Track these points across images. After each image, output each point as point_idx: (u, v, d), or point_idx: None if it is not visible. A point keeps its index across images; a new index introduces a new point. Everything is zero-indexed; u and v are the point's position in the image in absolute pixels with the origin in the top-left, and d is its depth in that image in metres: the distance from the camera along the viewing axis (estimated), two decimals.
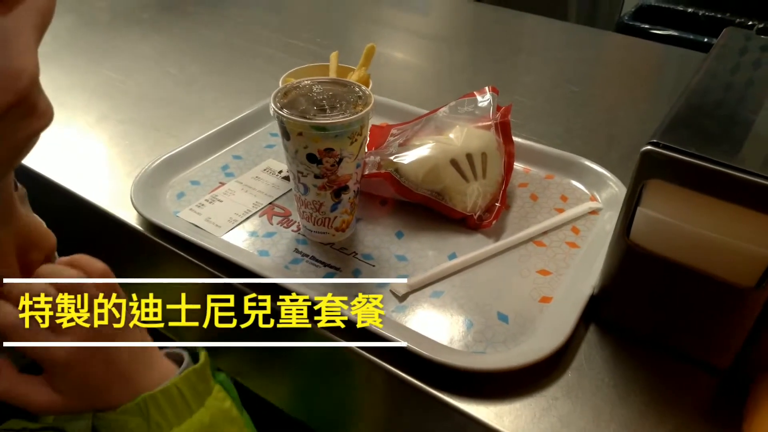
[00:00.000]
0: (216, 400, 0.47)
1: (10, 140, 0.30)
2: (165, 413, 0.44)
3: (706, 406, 0.51)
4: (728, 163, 0.45)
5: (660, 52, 1.29)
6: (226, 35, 1.18)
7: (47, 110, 0.31)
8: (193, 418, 0.45)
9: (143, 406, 0.43)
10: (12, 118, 0.29)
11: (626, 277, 0.54)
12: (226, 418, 0.48)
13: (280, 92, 0.60)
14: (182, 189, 0.73)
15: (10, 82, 0.27)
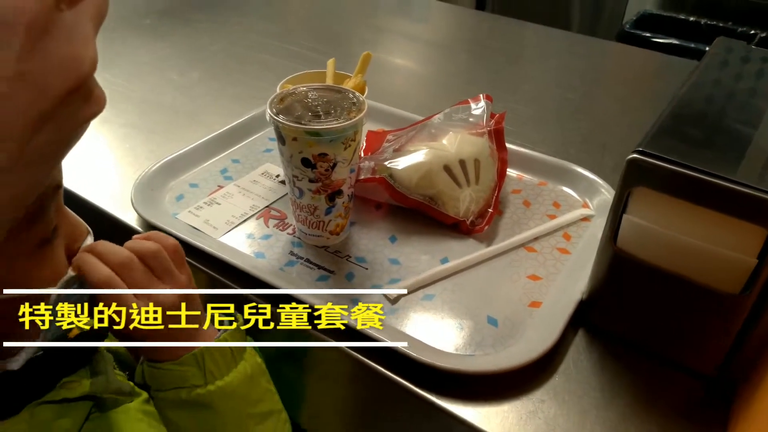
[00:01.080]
0: (251, 356, 0.54)
1: (69, 124, 0.32)
2: (218, 363, 0.50)
3: (690, 411, 0.52)
4: (712, 172, 0.46)
5: (658, 60, 1.30)
6: (225, 42, 1.20)
7: (101, 96, 0.34)
8: (238, 368, 0.52)
9: (200, 357, 0.49)
10: (73, 103, 0.31)
11: (613, 283, 0.55)
12: (260, 370, 0.55)
13: (276, 98, 0.61)
14: (181, 191, 0.75)
15: (73, 68, 0.30)
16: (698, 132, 0.53)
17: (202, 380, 0.50)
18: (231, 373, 0.51)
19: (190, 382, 0.50)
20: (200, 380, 0.50)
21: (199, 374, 0.50)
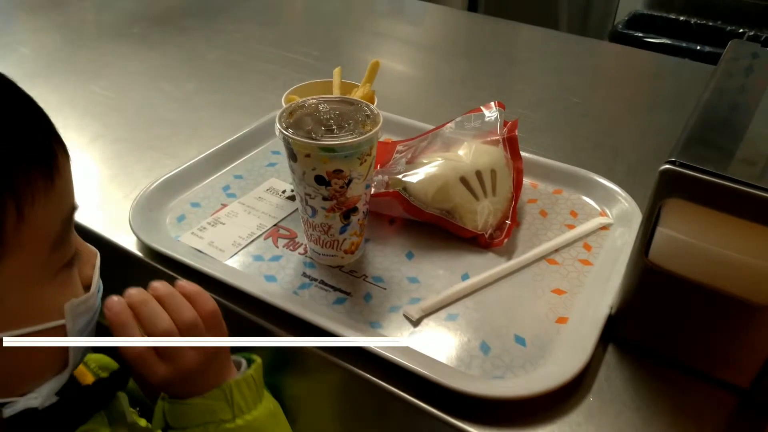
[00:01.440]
0: (269, 395, 0.53)
1: None
2: (245, 397, 0.49)
3: (730, 427, 0.50)
4: (748, 182, 0.44)
5: (655, 61, 1.28)
6: (221, 50, 1.17)
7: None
8: (263, 404, 0.51)
9: (227, 391, 0.48)
10: None
11: (645, 296, 0.53)
12: (279, 409, 0.54)
13: (285, 112, 0.59)
14: (182, 212, 0.71)
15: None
16: (727, 140, 0.51)
17: (230, 414, 0.47)
18: (258, 408, 0.49)
19: (218, 417, 0.47)
20: (228, 414, 0.47)
21: (227, 408, 0.47)
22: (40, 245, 0.34)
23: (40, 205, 0.33)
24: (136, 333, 0.43)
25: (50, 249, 0.35)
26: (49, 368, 0.39)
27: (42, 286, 0.36)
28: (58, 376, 0.40)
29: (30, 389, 0.39)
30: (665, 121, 0.96)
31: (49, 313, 0.37)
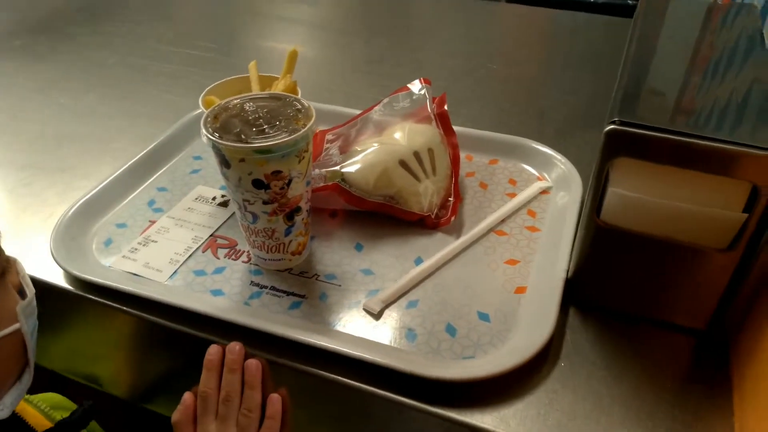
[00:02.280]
0: None
1: None
2: None
3: (694, 369, 0.52)
4: (693, 133, 0.45)
5: (561, 19, 1.31)
6: (118, 55, 1.09)
7: None
8: None
9: None
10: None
11: (600, 257, 0.54)
12: None
13: (209, 116, 0.55)
14: (108, 235, 0.66)
15: None
16: (663, 93, 0.52)
17: None
18: None
19: None
20: None
21: None
22: None
23: None
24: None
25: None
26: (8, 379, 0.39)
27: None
28: (17, 385, 0.40)
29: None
30: (584, 79, 0.99)
31: (2, 321, 0.37)
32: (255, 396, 0.49)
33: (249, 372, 0.49)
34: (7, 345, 0.38)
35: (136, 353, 0.64)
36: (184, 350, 0.59)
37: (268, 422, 0.49)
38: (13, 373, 0.39)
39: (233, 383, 0.49)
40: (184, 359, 0.60)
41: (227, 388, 0.49)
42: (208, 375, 0.50)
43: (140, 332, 0.60)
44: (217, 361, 0.50)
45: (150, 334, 0.59)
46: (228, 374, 0.49)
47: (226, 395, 0.49)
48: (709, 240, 0.49)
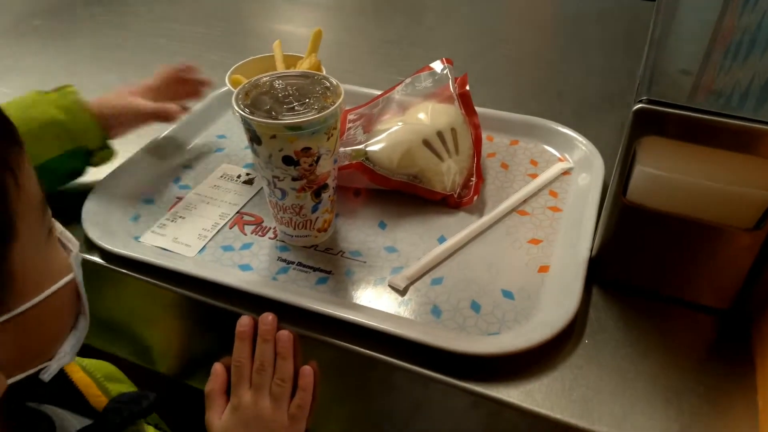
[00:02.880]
0: None
1: None
2: None
3: (717, 347, 0.53)
4: (721, 112, 0.45)
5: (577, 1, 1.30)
6: (137, 35, 1.09)
7: None
8: None
9: None
10: None
11: (626, 236, 0.55)
12: None
13: (240, 93, 0.55)
14: (136, 211, 0.67)
15: None
16: (689, 72, 0.52)
17: None
18: None
19: None
20: None
21: None
22: (35, 210, 0.35)
23: (27, 172, 0.34)
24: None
25: (41, 212, 0.36)
26: (68, 327, 0.41)
27: (46, 248, 0.37)
28: (74, 331, 0.41)
29: (55, 351, 0.40)
30: (600, 61, 0.98)
31: (59, 272, 0.38)
32: (288, 366, 0.50)
33: (281, 342, 0.50)
34: (64, 294, 0.39)
35: (166, 327, 0.65)
36: (213, 324, 0.60)
37: (301, 394, 0.50)
38: (70, 321, 0.41)
39: (267, 353, 0.50)
40: (214, 333, 0.61)
41: (261, 358, 0.50)
42: (241, 345, 0.51)
43: (170, 306, 0.61)
44: (249, 332, 0.51)
45: (180, 308, 0.60)
46: (261, 344, 0.51)
47: (260, 365, 0.50)
48: (734, 219, 0.49)
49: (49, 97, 0.64)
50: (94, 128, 0.65)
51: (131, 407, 0.46)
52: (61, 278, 0.38)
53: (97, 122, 0.65)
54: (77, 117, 0.64)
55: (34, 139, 0.58)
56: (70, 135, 0.64)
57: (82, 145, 0.65)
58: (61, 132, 0.63)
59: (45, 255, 0.37)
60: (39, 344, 0.38)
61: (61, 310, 0.39)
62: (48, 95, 0.65)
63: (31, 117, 0.61)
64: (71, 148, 0.64)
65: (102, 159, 0.68)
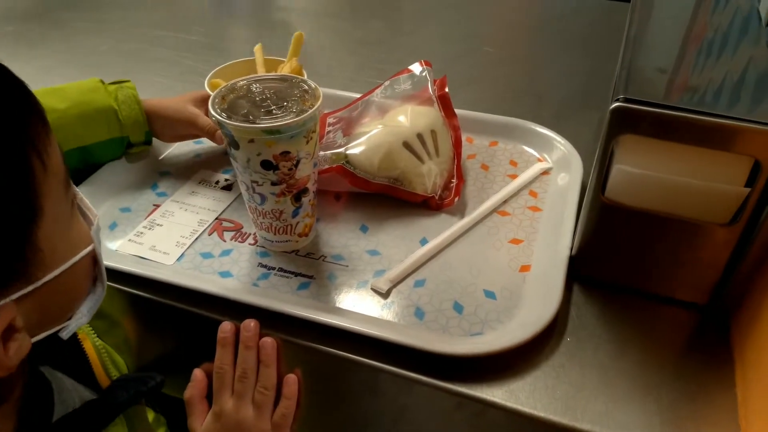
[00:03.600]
0: None
1: None
2: None
3: (696, 342, 0.54)
4: (697, 109, 0.46)
5: (553, 1, 1.31)
6: (112, 41, 1.08)
7: None
8: None
9: None
10: None
11: (605, 234, 0.55)
12: None
13: (217, 97, 0.55)
14: (113, 218, 0.66)
15: None
16: (665, 71, 0.53)
17: None
18: None
19: None
20: None
21: None
22: (60, 186, 0.37)
23: (51, 150, 0.36)
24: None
25: (65, 187, 0.38)
26: (86, 290, 0.43)
27: (70, 221, 0.39)
28: (91, 295, 0.43)
29: (74, 312, 0.41)
30: (577, 62, 0.99)
31: (81, 242, 0.40)
32: (271, 374, 0.50)
33: (265, 350, 0.50)
34: (84, 262, 0.40)
35: (146, 336, 0.64)
36: (194, 331, 0.59)
37: (285, 402, 0.50)
38: (88, 284, 0.43)
39: (249, 360, 0.50)
40: (194, 340, 0.61)
41: (243, 365, 0.50)
42: (223, 351, 0.51)
43: (149, 315, 0.60)
44: (231, 338, 0.51)
45: (159, 316, 0.59)
46: (244, 351, 0.50)
47: (242, 372, 0.49)
48: (711, 215, 0.50)
49: (108, 87, 0.69)
50: (142, 124, 0.70)
51: (137, 385, 0.47)
52: (82, 248, 0.40)
53: (145, 119, 0.70)
54: (130, 110, 0.69)
55: (88, 120, 0.66)
56: (119, 125, 0.68)
57: (126, 136, 0.69)
58: (112, 120, 0.68)
59: (68, 227, 0.39)
60: (60, 307, 0.40)
61: (81, 275, 0.41)
62: (108, 86, 0.70)
63: (89, 100, 0.67)
64: (117, 136, 0.69)
65: (139, 151, 0.73)
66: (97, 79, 0.70)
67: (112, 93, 0.69)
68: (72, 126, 0.65)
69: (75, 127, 0.66)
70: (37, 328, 0.37)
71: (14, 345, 0.34)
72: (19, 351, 0.34)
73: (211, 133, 0.69)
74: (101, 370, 0.49)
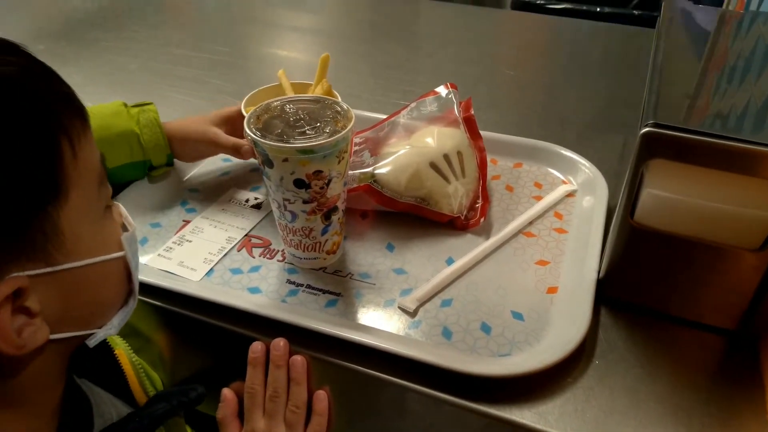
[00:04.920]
0: None
1: None
2: None
3: (726, 367, 0.53)
4: (728, 135, 0.46)
5: (572, 27, 1.33)
6: (140, 59, 1.10)
7: None
8: None
9: None
10: None
11: (633, 257, 0.55)
12: None
13: (252, 117, 0.56)
14: (143, 234, 0.67)
15: None
16: (693, 96, 0.54)
17: None
18: None
19: None
20: None
21: None
22: (91, 181, 0.38)
23: (86, 144, 0.37)
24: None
25: (98, 185, 0.39)
26: (117, 301, 0.43)
27: (100, 220, 0.40)
28: (124, 308, 0.44)
29: (103, 323, 0.42)
30: (597, 86, 1.00)
31: (110, 246, 0.41)
32: (302, 392, 0.50)
33: (295, 368, 0.50)
34: (115, 270, 0.41)
35: (178, 352, 0.65)
36: (223, 347, 0.60)
37: (317, 419, 0.50)
38: (120, 297, 0.43)
39: (280, 379, 0.50)
40: (224, 356, 0.61)
41: (274, 384, 0.50)
42: (254, 372, 0.51)
43: (181, 330, 0.61)
44: (261, 358, 0.51)
45: (191, 332, 0.60)
46: (274, 370, 0.50)
47: (273, 391, 0.50)
48: (740, 240, 0.50)
49: (130, 111, 0.70)
50: (164, 147, 0.70)
51: (179, 396, 0.47)
52: (113, 251, 0.41)
53: (166, 142, 0.70)
54: (151, 134, 0.69)
55: (109, 144, 0.66)
56: (141, 148, 0.69)
57: (148, 159, 0.70)
58: (134, 144, 0.69)
59: (100, 226, 0.40)
60: (86, 308, 0.40)
61: (110, 282, 0.42)
62: (130, 109, 0.71)
63: (111, 124, 0.68)
64: (138, 159, 0.69)
65: (161, 173, 0.74)
66: (120, 102, 0.71)
67: (134, 116, 0.69)
68: None
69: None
70: (60, 324, 0.38)
71: (29, 329, 0.35)
72: (34, 338, 0.35)
73: (235, 149, 0.70)
74: (138, 386, 0.50)
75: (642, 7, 2.05)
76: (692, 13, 0.69)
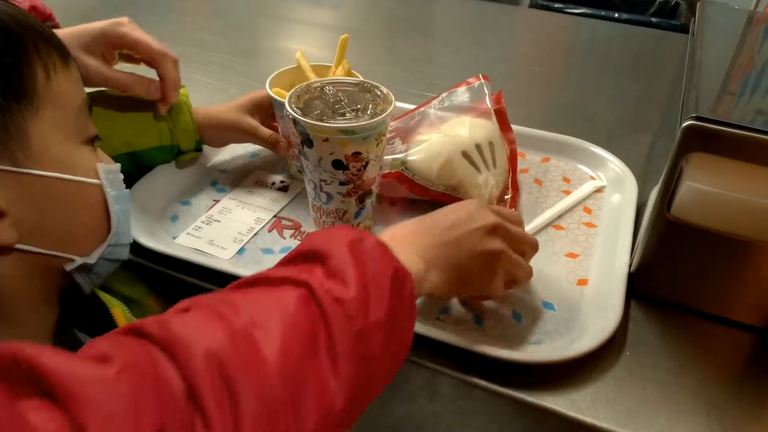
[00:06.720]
0: None
1: None
2: None
3: (758, 363, 0.53)
4: None
5: (597, 27, 1.33)
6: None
7: None
8: None
9: None
10: None
11: (667, 252, 0.55)
12: None
13: (293, 96, 0.56)
14: (174, 212, 0.68)
15: None
16: (736, 93, 0.54)
17: None
18: None
19: None
20: None
21: None
22: (67, 109, 0.41)
23: (62, 76, 0.41)
24: None
25: (76, 113, 0.42)
26: (95, 231, 0.45)
27: (76, 145, 0.43)
28: (104, 243, 0.45)
29: (83, 253, 0.44)
30: (626, 86, 1.00)
31: (86, 171, 0.43)
32: None
33: None
34: (92, 198, 0.44)
35: None
36: None
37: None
38: (99, 229, 0.45)
39: None
40: None
41: None
42: None
43: None
44: None
45: None
46: None
47: None
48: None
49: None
50: (193, 133, 0.71)
51: None
52: (88, 176, 0.43)
53: (196, 129, 0.71)
54: (181, 120, 0.69)
55: (140, 129, 0.67)
56: (171, 134, 0.69)
57: (176, 144, 0.70)
58: (163, 129, 0.69)
59: (76, 150, 0.42)
60: (60, 227, 0.42)
61: (87, 208, 0.44)
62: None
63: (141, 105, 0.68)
64: (167, 144, 0.70)
65: (189, 158, 0.74)
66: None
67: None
68: (123, 132, 0.66)
69: (126, 133, 0.66)
70: (33, 237, 0.39)
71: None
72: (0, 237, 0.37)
73: (272, 144, 0.70)
74: None
75: (660, 15, 2.06)
76: (726, 14, 0.70)
